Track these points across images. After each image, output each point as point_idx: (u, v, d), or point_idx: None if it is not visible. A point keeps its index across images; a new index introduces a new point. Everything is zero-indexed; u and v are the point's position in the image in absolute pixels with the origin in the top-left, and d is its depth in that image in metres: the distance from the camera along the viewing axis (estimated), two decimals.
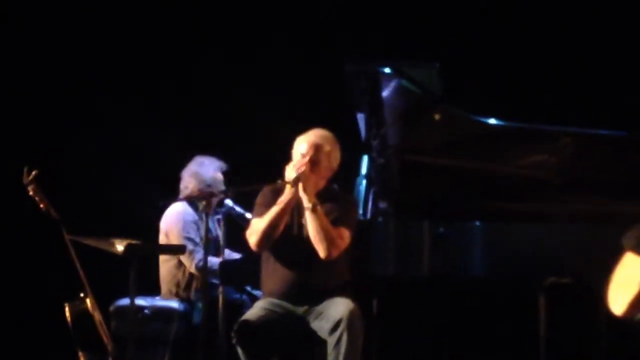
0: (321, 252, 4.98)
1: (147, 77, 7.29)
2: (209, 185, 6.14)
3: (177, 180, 6.32)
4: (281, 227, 5.04)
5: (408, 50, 6.88)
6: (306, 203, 5.01)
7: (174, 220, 6.18)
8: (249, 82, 7.20)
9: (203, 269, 5.24)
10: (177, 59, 7.35)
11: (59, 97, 7.25)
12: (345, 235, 5.04)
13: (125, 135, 7.22)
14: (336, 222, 5.05)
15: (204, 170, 6.21)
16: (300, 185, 5.01)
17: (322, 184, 5.17)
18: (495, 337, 6.64)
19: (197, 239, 6.07)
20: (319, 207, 5.00)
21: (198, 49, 7.36)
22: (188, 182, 6.22)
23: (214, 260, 5.89)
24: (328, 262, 5.02)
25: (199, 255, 5.95)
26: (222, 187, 6.18)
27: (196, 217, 6.17)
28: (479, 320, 6.65)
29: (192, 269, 6.06)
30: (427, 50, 6.85)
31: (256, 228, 5.08)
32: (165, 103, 7.33)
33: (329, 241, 4.97)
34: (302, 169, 5.01)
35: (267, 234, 5.03)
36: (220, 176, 6.24)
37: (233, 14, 7.42)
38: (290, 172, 5.05)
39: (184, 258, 6.06)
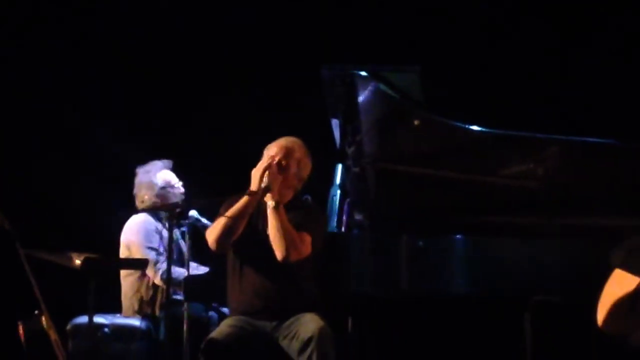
0: (278, 253, 4.82)
1: (106, 84, 7.21)
2: (163, 188, 6.04)
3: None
4: (241, 226, 4.89)
5: (389, 54, 6.77)
6: (268, 201, 4.86)
7: (135, 230, 6.03)
8: (217, 89, 7.13)
9: (168, 279, 5.03)
10: (141, 66, 7.22)
11: (14, 105, 7.10)
12: (306, 240, 4.89)
13: (83, 143, 7.12)
14: (299, 228, 4.90)
15: (150, 176, 6.09)
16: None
17: (289, 194, 5.03)
18: (479, 357, 6.47)
19: (161, 249, 5.93)
20: (281, 206, 4.85)
21: (164, 55, 7.25)
22: (143, 194, 6.10)
23: (180, 271, 5.75)
24: (293, 275, 4.89)
25: (164, 265, 5.76)
26: (177, 184, 6.09)
27: (159, 227, 6.03)
28: (461, 341, 6.49)
29: (157, 280, 5.90)
30: (408, 53, 6.76)
31: (216, 226, 4.94)
32: (126, 110, 7.20)
33: (288, 242, 4.81)
34: (271, 176, 4.86)
35: (226, 232, 4.88)
36: (169, 174, 6.12)
37: (203, 19, 7.30)
38: (256, 173, 4.89)
39: (148, 269, 5.88)
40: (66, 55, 7.17)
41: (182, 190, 6.06)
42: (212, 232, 4.92)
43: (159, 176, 6.07)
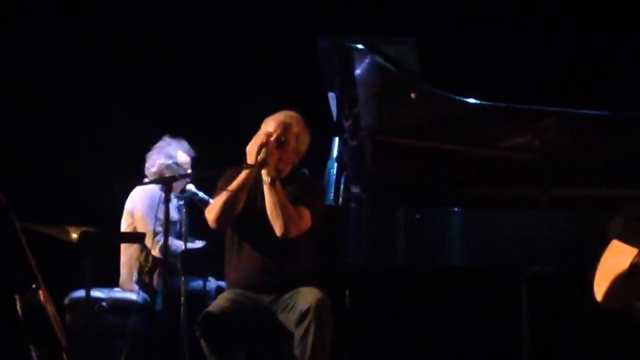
0: (277, 230, 4.81)
1: (109, 59, 7.15)
2: (175, 164, 6.04)
3: (139, 164, 6.18)
4: (240, 203, 4.88)
5: (384, 25, 6.76)
6: (265, 177, 4.84)
7: (141, 198, 6.03)
8: (214, 62, 7.07)
9: (165, 251, 5.00)
10: (140, 40, 7.19)
11: (9, 76, 7.04)
12: (305, 215, 4.88)
13: (84, 118, 7.06)
14: (297, 202, 4.88)
15: (171, 148, 6.10)
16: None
17: (287, 169, 5.02)
18: (475, 329, 6.46)
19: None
20: (278, 182, 4.83)
21: (164, 29, 7.20)
22: (155, 158, 6.11)
23: (177, 243, 5.74)
24: (293, 249, 4.87)
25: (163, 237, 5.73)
26: (188, 171, 6.07)
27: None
28: (457, 312, 6.47)
29: (155, 252, 5.90)
30: (404, 25, 6.72)
31: (215, 204, 4.92)
32: (127, 84, 7.14)
33: (287, 218, 4.80)
34: (269, 152, 4.83)
35: (226, 210, 4.87)
36: (187, 159, 6.12)
37: None
38: (252, 149, 4.86)
39: (147, 240, 5.86)
40: (66, 28, 7.14)
41: (187, 181, 5.92)
42: (212, 210, 4.90)
43: (179, 154, 6.08)
